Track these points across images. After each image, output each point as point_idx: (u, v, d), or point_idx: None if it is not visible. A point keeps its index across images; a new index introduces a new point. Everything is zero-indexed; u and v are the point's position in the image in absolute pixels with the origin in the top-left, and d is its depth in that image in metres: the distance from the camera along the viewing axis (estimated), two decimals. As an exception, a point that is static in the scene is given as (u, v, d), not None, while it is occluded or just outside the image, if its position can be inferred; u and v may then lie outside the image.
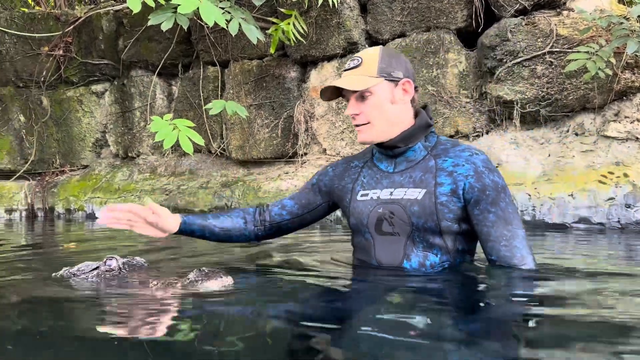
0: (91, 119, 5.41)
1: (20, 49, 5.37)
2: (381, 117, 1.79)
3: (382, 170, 1.89)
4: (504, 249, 1.70)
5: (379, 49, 1.83)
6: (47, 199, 5.32)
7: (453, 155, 1.79)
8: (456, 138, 4.08)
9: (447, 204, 1.73)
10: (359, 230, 1.91)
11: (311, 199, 2.05)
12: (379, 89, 1.78)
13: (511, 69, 3.75)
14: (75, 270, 1.71)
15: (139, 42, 5.05)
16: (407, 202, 1.77)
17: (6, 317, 1.39)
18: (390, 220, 1.80)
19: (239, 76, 4.80)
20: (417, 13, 4.13)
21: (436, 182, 1.75)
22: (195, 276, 1.52)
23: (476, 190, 1.72)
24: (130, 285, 1.58)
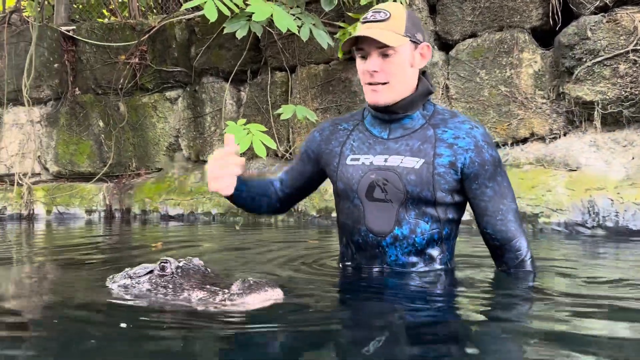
0: (165, 124, 5.63)
1: (99, 58, 5.66)
2: (400, 79, 1.74)
3: (374, 136, 1.83)
4: (499, 223, 1.76)
5: (402, 6, 1.79)
6: (123, 201, 5.58)
7: (453, 127, 1.78)
8: (531, 140, 3.96)
9: (444, 175, 1.74)
10: (346, 196, 1.86)
11: (302, 169, 2.00)
12: (403, 49, 1.73)
13: (591, 68, 3.59)
14: (132, 272, 1.67)
15: (210, 49, 5.21)
16: (404, 170, 1.75)
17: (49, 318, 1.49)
18: (383, 187, 1.78)
19: (305, 81, 4.86)
20: (489, 12, 4.03)
21: (435, 153, 1.75)
22: (237, 289, 1.40)
23: (476, 165, 1.74)
24: (175, 295, 1.50)
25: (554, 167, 3.74)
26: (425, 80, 1.82)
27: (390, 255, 1.81)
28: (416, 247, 1.79)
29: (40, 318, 1.52)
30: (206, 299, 1.43)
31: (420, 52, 1.78)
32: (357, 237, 1.85)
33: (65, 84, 5.77)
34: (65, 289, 1.84)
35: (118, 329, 1.29)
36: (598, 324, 1.32)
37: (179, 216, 5.19)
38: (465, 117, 1.85)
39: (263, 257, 2.52)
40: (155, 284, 1.57)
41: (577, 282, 1.87)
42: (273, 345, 1.21)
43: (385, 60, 1.72)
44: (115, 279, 1.71)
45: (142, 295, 1.56)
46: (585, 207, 3.46)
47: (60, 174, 5.83)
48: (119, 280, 1.67)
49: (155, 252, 2.94)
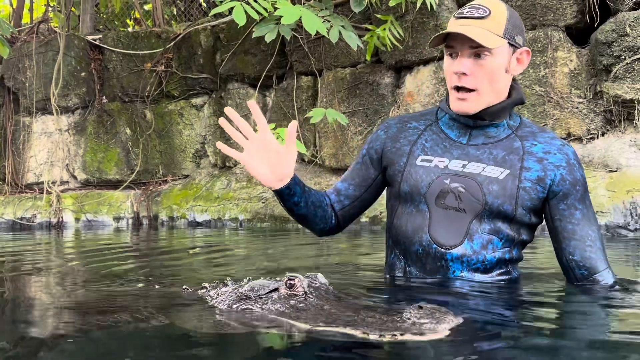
0: (191, 130, 5.64)
1: (125, 66, 5.70)
2: (491, 86, 1.57)
3: (451, 139, 1.67)
4: (589, 250, 1.58)
5: (505, 6, 1.59)
6: (151, 208, 5.59)
7: (543, 141, 1.64)
8: (568, 141, 3.84)
9: (530, 191, 1.59)
10: (410, 199, 1.67)
11: (365, 174, 1.78)
12: (499, 52, 1.54)
13: (630, 65, 3.48)
14: (248, 290, 1.38)
15: (235, 55, 5.21)
16: (486, 179, 1.59)
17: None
18: (458, 195, 1.60)
19: (332, 84, 4.82)
20: (521, 11, 3.94)
21: (522, 166, 1.60)
22: (424, 318, 1.13)
23: (567, 183, 1.59)
24: (325, 320, 1.21)
25: (593, 168, 3.63)
26: (519, 89, 1.67)
27: (454, 270, 1.62)
28: (485, 265, 1.61)
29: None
30: (381, 327, 1.13)
31: (517, 56, 1.60)
32: (416, 246, 1.65)
33: (92, 92, 5.82)
34: (156, 309, 1.48)
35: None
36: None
37: (206, 222, 5.18)
38: (554, 134, 1.71)
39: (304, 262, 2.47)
40: (287, 305, 1.30)
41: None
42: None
43: (477, 63, 1.54)
44: (215, 299, 1.44)
45: (273, 320, 1.27)
46: (627, 209, 3.34)
47: (88, 181, 5.88)
48: (225, 300, 1.40)
49: (192, 258, 2.92)
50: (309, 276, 1.39)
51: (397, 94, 4.58)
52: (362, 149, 1.82)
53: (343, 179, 1.81)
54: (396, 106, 4.58)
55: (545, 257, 2.23)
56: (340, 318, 1.21)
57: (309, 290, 1.33)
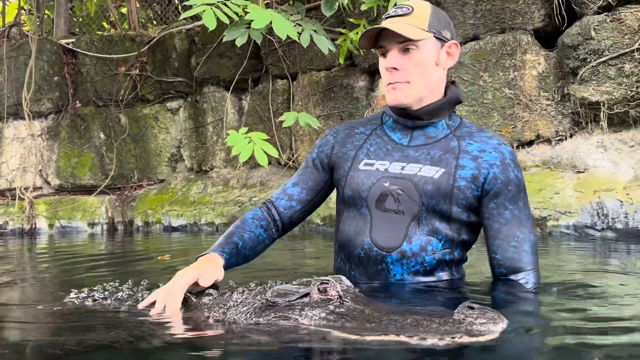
0: (166, 134, 5.61)
1: (99, 70, 5.64)
2: (422, 78, 1.61)
3: (394, 141, 1.70)
4: (512, 250, 1.59)
5: (428, 3, 1.65)
6: (126, 213, 5.54)
7: (479, 140, 1.65)
8: (537, 143, 3.91)
9: (464, 189, 1.60)
10: (353, 204, 1.69)
11: (317, 178, 1.81)
12: (426, 45, 1.59)
13: (596, 68, 3.55)
14: (274, 296, 1.27)
15: (210, 59, 5.19)
16: (421, 179, 1.60)
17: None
18: (396, 197, 1.62)
19: (307, 88, 4.83)
20: (491, 15, 4.00)
21: (457, 164, 1.61)
22: (472, 316, 1.10)
23: (499, 182, 1.59)
24: (375, 327, 1.14)
25: (561, 170, 3.69)
26: (455, 88, 1.70)
27: (394, 273, 1.62)
28: (425, 267, 1.62)
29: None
30: (438, 331, 1.08)
31: (447, 50, 1.64)
32: (359, 250, 1.66)
33: (65, 96, 5.76)
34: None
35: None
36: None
37: (182, 227, 5.15)
38: (492, 134, 1.73)
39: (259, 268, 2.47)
40: (327, 312, 1.20)
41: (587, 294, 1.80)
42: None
43: (406, 57, 1.60)
44: (227, 308, 1.30)
45: (316, 331, 1.17)
46: (594, 209, 3.40)
47: (62, 187, 5.80)
48: (246, 310, 1.27)
49: (162, 264, 2.90)
50: (333, 279, 1.29)
51: (371, 97, 4.61)
52: (311, 153, 1.85)
53: (294, 184, 1.82)
54: (370, 109, 4.60)
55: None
56: (390, 324, 1.14)
57: (343, 294, 1.25)
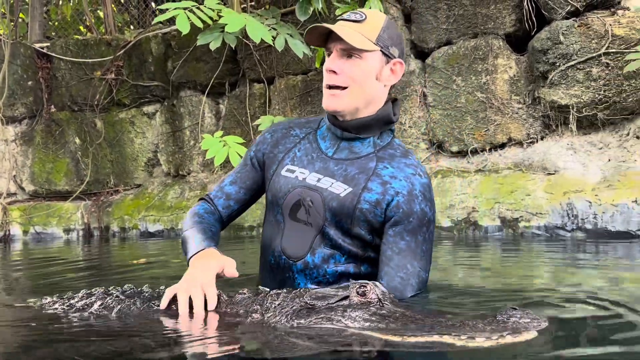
0: (143, 139, 5.57)
1: (74, 75, 5.59)
2: (361, 88, 1.59)
3: (320, 150, 1.70)
4: (397, 280, 1.55)
5: (385, 17, 1.64)
6: (102, 218, 5.48)
7: (396, 166, 1.63)
8: (509, 145, 3.97)
9: (367, 212, 1.59)
10: (271, 208, 1.73)
11: (254, 176, 1.80)
12: (371, 57, 1.58)
13: (565, 72, 3.63)
14: (312, 299, 1.27)
15: (187, 63, 5.18)
16: (329, 194, 1.61)
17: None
18: (307, 209, 1.63)
19: (284, 92, 4.85)
20: (463, 20, 4.06)
21: (365, 186, 1.60)
22: (516, 315, 1.14)
23: (400, 212, 1.57)
24: (420, 329, 1.15)
25: (532, 172, 3.76)
26: (389, 107, 1.66)
27: (299, 282, 1.65)
28: (327, 279, 1.63)
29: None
30: (485, 330, 1.10)
31: (391, 67, 1.63)
32: (270, 257, 1.70)
33: (40, 101, 5.68)
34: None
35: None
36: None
37: (159, 232, 5.11)
38: (416, 162, 1.67)
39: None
40: (369, 313, 1.21)
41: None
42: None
43: (349, 63, 1.58)
44: (265, 310, 1.29)
45: (352, 332, 1.17)
46: (564, 210, 3.47)
47: (37, 193, 5.72)
48: (282, 314, 1.26)
49: (138, 268, 2.88)
50: (372, 283, 1.30)
51: (348, 101, 4.64)
52: (249, 151, 1.83)
53: (232, 182, 1.80)
54: (347, 113, 4.63)
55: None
56: (435, 324, 1.15)
57: (382, 297, 1.26)
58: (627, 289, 1.92)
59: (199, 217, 1.71)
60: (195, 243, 1.59)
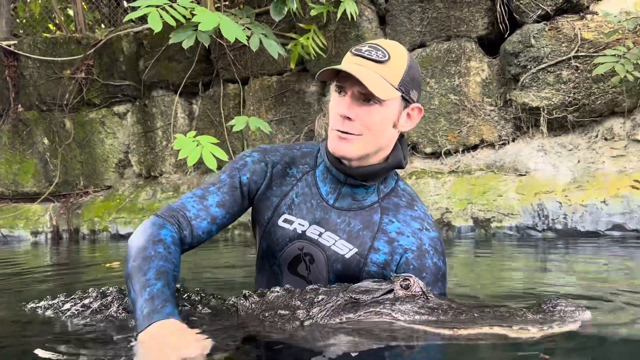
0: (114, 139, 5.46)
1: (43, 73, 5.45)
2: (376, 136, 1.42)
3: (320, 196, 1.53)
4: None
5: (407, 55, 1.45)
6: (71, 221, 5.35)
7: (402, 220, 1.51)
8: (481, 147, 4.02)
9: (375, 275, 1.47)
10: (267, 258, 1.58)
11: (241, 205, 1.55)
12: (390, 104, 1.41)
13: (536, 75, 3.69)
14: (357, 294, 1.25)
15: (159, 62, 5.10)
16: (333, 255, 1.48)
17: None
18: (308, 265, 1.51)
19: (259, 92, 4.81)
20: (437, 22, 4.10)
21: (372, 246, 1.48)
22: (562, 305, 1.16)
23: (411, 269, 1.46)
24: (472, 320, 1.15)
25: (504, 173, 3.81)
26: (399, 153, 1.51)
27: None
28: None
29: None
30: (536, 321, 1.12)
31: (409, 112, 1.46)
32: None
33: (7, 100, 5.52)
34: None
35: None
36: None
37: (129, 235, 5.00)
38: (422, 214, 1.54)
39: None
40: (418, 306, 1.20)
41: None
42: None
43: (365, 110, 1.39)
44: (309, 305, 1.25)
45: (402, 326, 1.17)
46: (535, 211, 3.52)
47: (3, 194, 5.56)
48: (327, 311, 1.22)
49: (110, 272, 2.81)
50: (409, 276, 1.28)
51: (323, 103, 4.64)
52: (238, 173, 1.56)
53: (220, 204, 1.50)
54: (322, 114, 4.63)
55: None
56: (484, 315, 1.14)
57: (426, 290, 1.24)
58: (595, 287, 1.95)
59: (166, 252, 1.33)
60: (153, 303, 1.21)
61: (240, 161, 1.59)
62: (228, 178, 1.55)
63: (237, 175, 1.55)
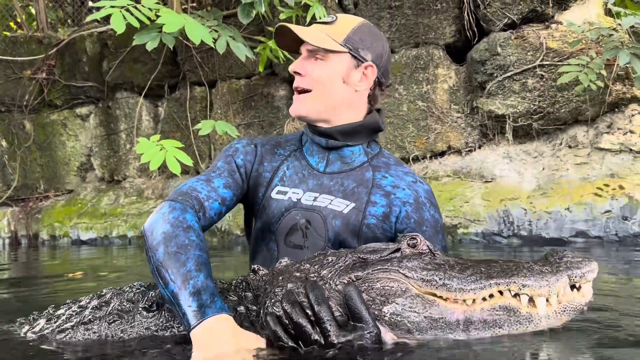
0: (76, 142, 5.30)
1: (2, 73, 5.26)
2: (324, 92, 1.49)
3: (311, 166, 1.56)
4: None
5: (361, 20, 1.56)
6: (31, 226, 5.17)
7: (395, 174, 1.54)
8: (448, 153, 4.04)
9: (374, 228, 1.48)
10: (262, 237, 1.56)
11: (242, 188, 1.57)
12: (335, 59, 1.49)
13: (502, 83, 3.73)
14: (365, 254, 1.22)
15: (123, 63, 4.98)
16: (330, 212, 1.48)
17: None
18: (305, 232, 1.49)
19: (226, 96, 4.74)
20: (405, 29, 4.11)
21: (369, 200, 1.49)
22: (568, 256, 1.17)
23: (412, 222, 1.47)
24: (470, 273, 1.17)
25: (470, 179, 3.83)
26: (376, 115, 1.57)
27: None
28: None
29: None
30: (543, 273, 1.13)
31: (363, 71, 1.51)
32: None
33: (-38, 100, 5.32)
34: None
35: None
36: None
37: (91, 241, 4.86)
38: (411, 170, 1.59)
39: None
40: (425, 263, 1.18)
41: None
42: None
43: (313, 65, 1.49)
44: (320, 267, 1.22)
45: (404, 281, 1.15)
46: (501, 217, 3.55)
47: (-43, 198, 5.34)
48: (334, 272, 1.19)
49: (73, 281, 2.69)
50: (415, 235, 1.26)
51: (291, 107, 4.59)
52: (232, 157, 1.57)
53: (227, 186, 1.50)
54: (291, 119, 4.58)
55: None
56: (491, 269, 1.14)
57: (432, 248, 1.23)
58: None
59: (197, 238, 1.27)
60: (201, 298, 1.16)
61: (231, 149, 1.61)
62: (225, 164, 1.56)
63: (232, 160, 1.57)
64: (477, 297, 1.12)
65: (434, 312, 1.12)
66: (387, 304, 1.14)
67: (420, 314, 1.12)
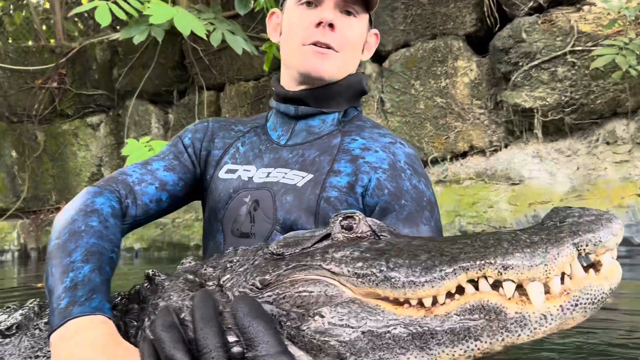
0: (87, 152, 5.17)
1: (13, 83, 5.21)
2: (351, 57, 1.27)
3: (271, 140, 1.31)
4: None
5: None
6: (40, 238, 5.04)
7: (368, 136, 1.24)
8: (471, 154, 3.65)
9: (335, 203, 1.14)
10: (210, 229, 1.29)
11: (193, 172, 1.33)
12: (364, 20, 1.28)
13: (528, 72, 3.33)
14: (280, 246, 0.86)
15: (132, 70, 4.84)
16: (282, 188, 1.19)
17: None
18: (252, 216, 1.20)
19: (235, 99, 4.51)
20: (422, 20, 3.78)
21: (331, 168, 1.18)
22: (575, 215, 0.73)
23: (386, 194, 1.12)
24: (424, 257, 0.74)
25: (496, 182, 3.43)
26: (360, 75, 1.32)
27: None
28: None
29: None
30: (534, 245, 0.68)
31: (367, 38, 1.33)
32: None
33: (-25, 111, 5.28)
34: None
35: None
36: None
37: (97, 252, 4.68)
38: (392, 133, 1.30)
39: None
40: (360, 249, 0.80)
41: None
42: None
43: (345, 20, 1.23)
44: (222, 271, 0.88)
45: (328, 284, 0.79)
46: (530, 223, 3.14)
47: (-31, 210, 5.28)
48: (239, 278, 0.84)
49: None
50: (352, 212, 0.87)
51: (303, 109, 4.32)
52: (180, 138, 1.36)
53: (169, 168, 1.27)
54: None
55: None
56: (457, 254, 0.72)
57: (378, 229, 0.85)
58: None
59: (99, 224, 1.03)
60: (75, 293, 0.87)
61: (182, 131, 1.41)
62: (171, 146, 1.35)
63: (179, 141, 1.36)
64: (437, 292, 0.71)
65: (377, 324, 0.73)
66: (306, 318, 0.76)
67: (357, 328, 0.73)
